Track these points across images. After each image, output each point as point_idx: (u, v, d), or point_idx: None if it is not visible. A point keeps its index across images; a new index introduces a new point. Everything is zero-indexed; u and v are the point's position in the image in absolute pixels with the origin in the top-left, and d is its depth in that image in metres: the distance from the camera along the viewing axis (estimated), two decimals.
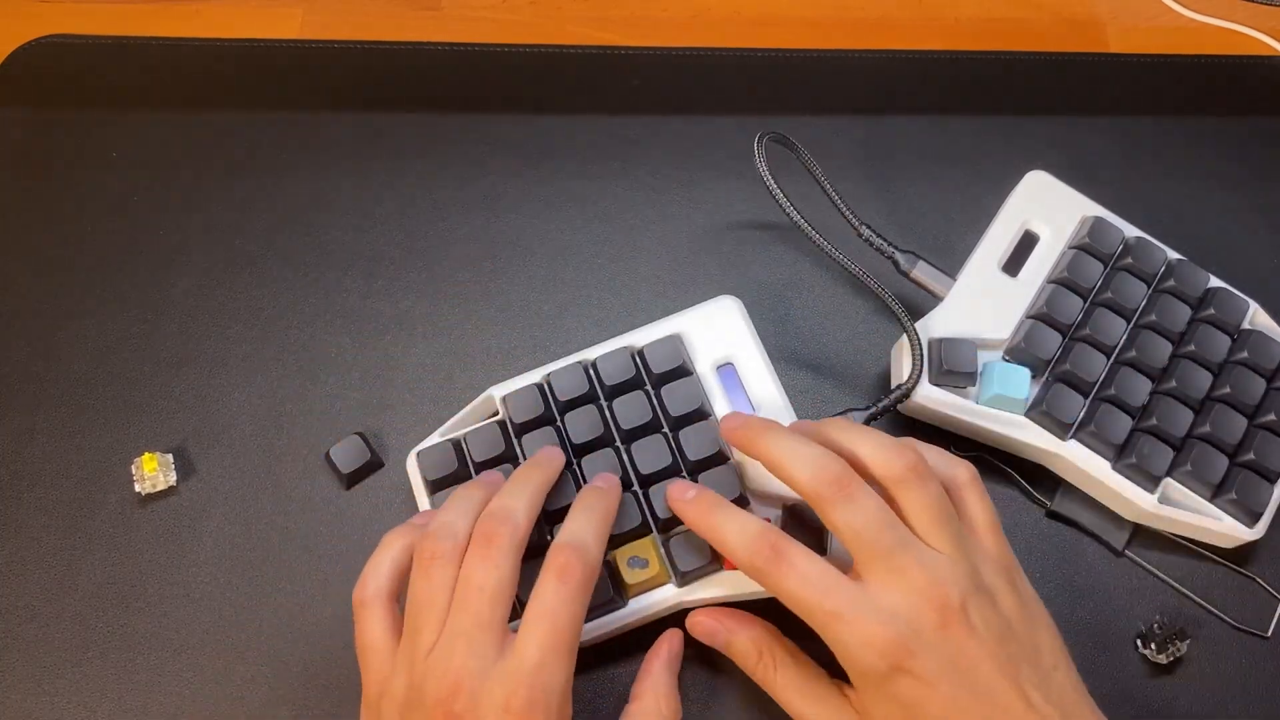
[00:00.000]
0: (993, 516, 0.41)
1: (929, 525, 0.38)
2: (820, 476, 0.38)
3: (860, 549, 0.38)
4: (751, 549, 0.38)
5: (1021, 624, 0.38)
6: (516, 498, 0.40)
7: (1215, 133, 0.61)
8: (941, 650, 0.36)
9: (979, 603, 0.37)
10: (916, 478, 0.39)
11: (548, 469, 0.43)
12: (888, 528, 0.37)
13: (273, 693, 0.46)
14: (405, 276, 0.55)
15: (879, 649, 0.36)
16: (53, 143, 0.58)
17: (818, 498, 0.38)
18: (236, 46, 0.61)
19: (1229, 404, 0.49)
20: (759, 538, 0.38)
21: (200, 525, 0.49)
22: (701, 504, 0.41)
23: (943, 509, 0.39)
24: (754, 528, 0.39)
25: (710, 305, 0.49)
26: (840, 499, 0.38)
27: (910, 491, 0.39)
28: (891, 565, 0.37)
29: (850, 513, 0.37)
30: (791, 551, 0.38)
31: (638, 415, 0.46)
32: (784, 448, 0.40)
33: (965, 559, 0.38)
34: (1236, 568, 0.50)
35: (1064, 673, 0.39)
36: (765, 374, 0.48)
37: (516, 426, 0.47)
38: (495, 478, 0.44)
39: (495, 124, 0.60)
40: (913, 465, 0.39)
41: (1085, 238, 0.52)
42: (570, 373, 0.47)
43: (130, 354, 0.53)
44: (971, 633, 0.37)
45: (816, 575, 0.37)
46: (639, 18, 0.65)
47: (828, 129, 0.60)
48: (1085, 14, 0.67)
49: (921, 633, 0.36)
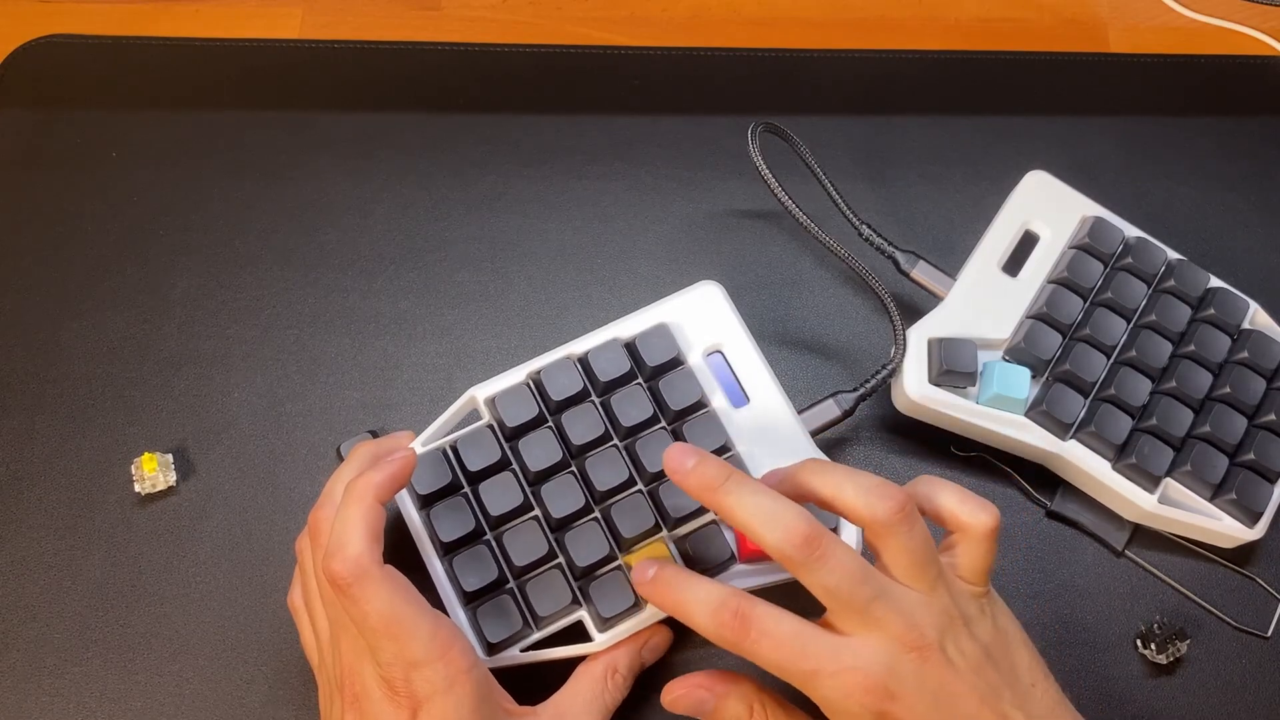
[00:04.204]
0: (988, 564, 0.40)
1: (908, 569, 0.38)
2: (789, 538, 0.37)
3: (836, 605, 0.37)
4: (717, 620, 0.37)
5: (998, 647, 0.39)
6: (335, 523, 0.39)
7: (1215, 133, 0.61)
8: (922, 688, 0.36)
9: (955, 636, 0.38)
10: (901, 522, 0.38)
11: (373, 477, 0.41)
12: (862, 583, 0.37)
13: (273, 693, 0.46)
14: (405, 276, 0.55)
15: (861, 697, 0.36)
16: (53, 143, 0.58)
17: (789, 561, 0.37)
18: (236, 46, 0.61)
19: (1229, 404, 0.49)
20: (722, 608, 0.37)
21: (200, 525, 0.49)
22: (661, 582, 0.40)
23: (924, 553, 0.38)
24: (716, 598, 0.38)
25: (693, 291, 0.49)
26: (812, 560, 0.37)
27: (894, 538, 0.38)
28: (868, 618, 0.37)
29: (823, 573, 0.37)
30: (758, 615, 0.37)
31: (638, 411, 0.45)
32: (748, 506, 0.38)
33: (940, 595, 0.38)
34: (1236, 568, 0.50)
35: (1042, 688, 0.39)
36: (755, 360, 0.47)
37: (510, 430, 0.45)
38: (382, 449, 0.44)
39: (495, 124, 0.60)
40: (898, 508, 0.38)
41: (1085, 238, 0.52)
42: (561, 369, 0.46)
43: (130, 354, 0.53)
44: (950, 667, 0.37)
45: (789, 635, 0.37)
46: (639, 18, 0.65)
47: (828, 129, 0.60)
48: (1085, 14, 0.67)
49: (901, 674, 0.36)
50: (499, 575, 0.43)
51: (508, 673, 0.42)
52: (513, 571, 0.44)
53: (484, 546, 0.44)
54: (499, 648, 0.43)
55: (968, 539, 0.40)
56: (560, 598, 0.43)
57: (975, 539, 0.40)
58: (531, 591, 0.43)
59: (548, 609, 0.43)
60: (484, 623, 0.43)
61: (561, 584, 0.43)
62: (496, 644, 0.43)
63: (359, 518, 0.38)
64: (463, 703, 0.38)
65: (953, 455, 0.52)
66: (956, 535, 0.40)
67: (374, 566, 0.38)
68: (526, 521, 0.44)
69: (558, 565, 0.44)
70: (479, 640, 0.43)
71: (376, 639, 0.38)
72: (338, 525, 0.38)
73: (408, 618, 0.37)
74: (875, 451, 0.52)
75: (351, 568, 0.37)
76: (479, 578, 0.43)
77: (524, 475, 0.45)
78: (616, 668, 0.43)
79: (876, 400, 0.52)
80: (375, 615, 0.37)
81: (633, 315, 0.48)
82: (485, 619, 0.43)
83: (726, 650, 0.38)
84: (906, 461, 0.52)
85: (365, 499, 0.39)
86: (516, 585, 0.44)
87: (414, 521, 0.45)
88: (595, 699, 0.43)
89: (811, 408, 0.49)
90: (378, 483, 0.40)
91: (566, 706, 0.42)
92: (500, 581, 0.44)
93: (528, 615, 0.43)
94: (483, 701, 0.38)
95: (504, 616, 0.43)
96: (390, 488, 0.40)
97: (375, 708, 0.38)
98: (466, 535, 0.44)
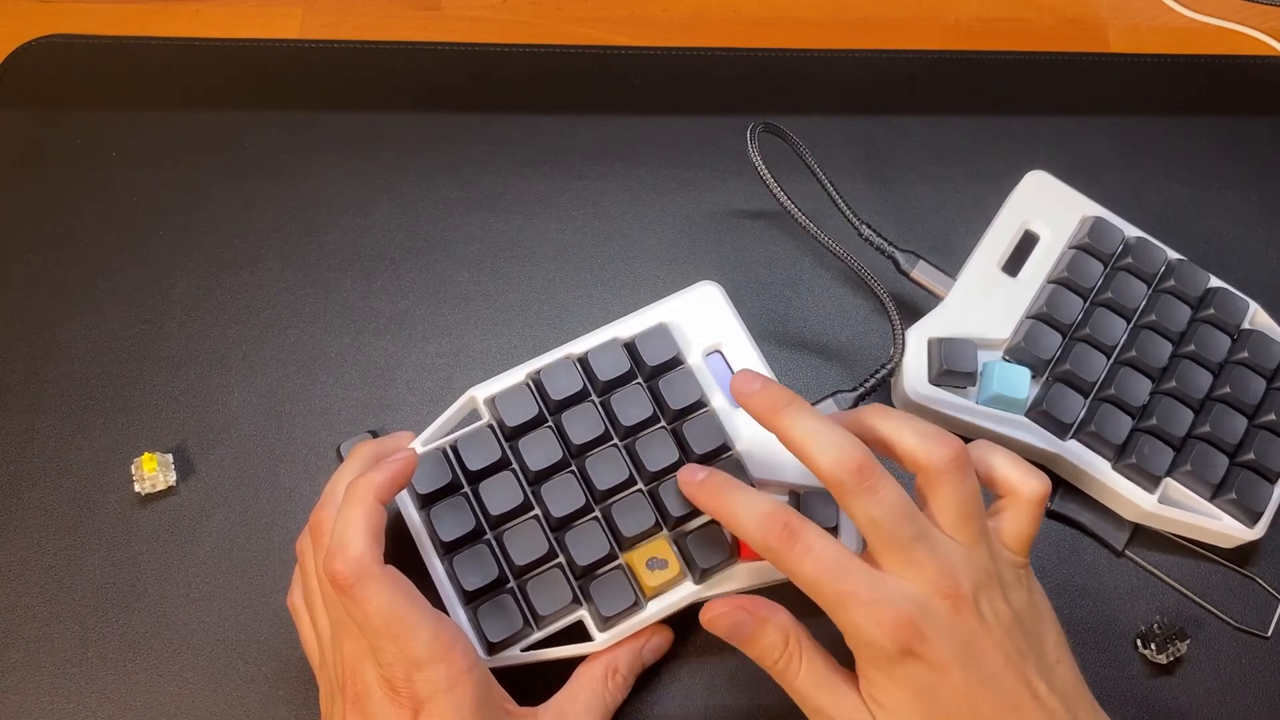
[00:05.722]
0: (1032, 532, 0.40)
1: (954, 519, 0.38)
2: (844, 464, 0.37)
3: (877, 539, 0.37)
4: (764, 528, 0.38)
5: (1030, 617, 0.39)
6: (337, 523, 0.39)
7: (1215, 133, 0.61)
8: (953, 636, 0.37)
9: (990, 594, 0.38)
10: (956, 470, 0.38)
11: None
12: (906, 520, 0.37)
13: (273, 693, 0.46)
14: (405, 276, 0.55)
15: (891, 631, 0.36)
16: (53, 143, 0.58)
17: (839, 485, 0.38)
18: (236, 46, 0.61)
19: (1229, 404, 0.49)
20: (771, 516, 0.38)
21: (200, 525, 0.49)
22: (712, 485, 0.41)
23: (972, 505, 0.38)
24: (766, 507, 0.39)
25: (692, 292, 0.49)
26: (862, 489, 0.37)
27: (946, 485, 0.38)
28: (907, 557, 0.37)
29: (870, 504, 0.37)
30: (805, 531, 0.38)
31: (638, 411, 0.45)
32: (806, 428, 0.39)
33: (981, 551, 0.38)
34: (1236, 568, 0.50)
35: (1066, 667, 0.39)
36: (754, 360, 0.47)
37: (510, 430, 0.45)
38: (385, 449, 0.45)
39: (495, 124, 0.60)
40: (954, 457, 0.38)
41: (1085, 238, 0.52)
42: (561, 369, 0.46)
43: (130, 354, 0.53)
44: (981, 622, 0.37)
45: (832, 556, 0.37)
46: (639, 18, 0.65)
47: (828, 129, 0.60)
48: (1085, 14, 0.67)
49: (933, 618, 0.37)
50: (499, 575, 0.43)
51: (508, 672, 0.42)
52: (513, 571, 0.44)
53: (484, 546, 0.44)
54: (500, 647, 0.43)
55: (1016, 504, 0.40)
56: (561, 597, 0.43)
57: (1024, 505, 0.40)
58: (532, 591, 0.43)
59: (548, 608, 0.43)
60: (485, 622, 0.42)
61: (562, 583, 0.43)
62: (497, 643, 0.43)
63: (360, 518, 0.39)
64: (464, 703, 0.38)
65: None
66: (1005, 500, 0.41)
67: (375, 566, 0.38)
68: (527, 521, 0.44)
69: (558, 564, 0.44)
70: (479, 640, 0.43)
71: (378, 639, 0.38)
72: (339, 525, 0.39)
73: (409, 618, 0.37)
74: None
75: (353, 568, 0.37)
76: (479, 577, 0.43)
77: (524, 475, 0.45)
78: (617, 668, 0.44)
79: (876, 400, 0.52)
80: (376, 615, 0.37)
81: (632, 315, 0.48)
82: (486, 618, 0.43)
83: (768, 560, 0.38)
84: None
85: (366, 499, 0.39)
86: (517, 585, 0.44)
87: (414, 521, 0.45)
88: (596, 699, 0.43)
89: None
90: (379, 483, 0.40)
91: (567, 707, 0.42)
92: (500, 581, 0.43)
93: (528, 615, 0.43)
94: (484, 702, 0.38)
95: (505, 616, 0.43)
96: (391, 488, 0.40)
97: (376, 708, 0.38)
98: (467, 535, 0.44)
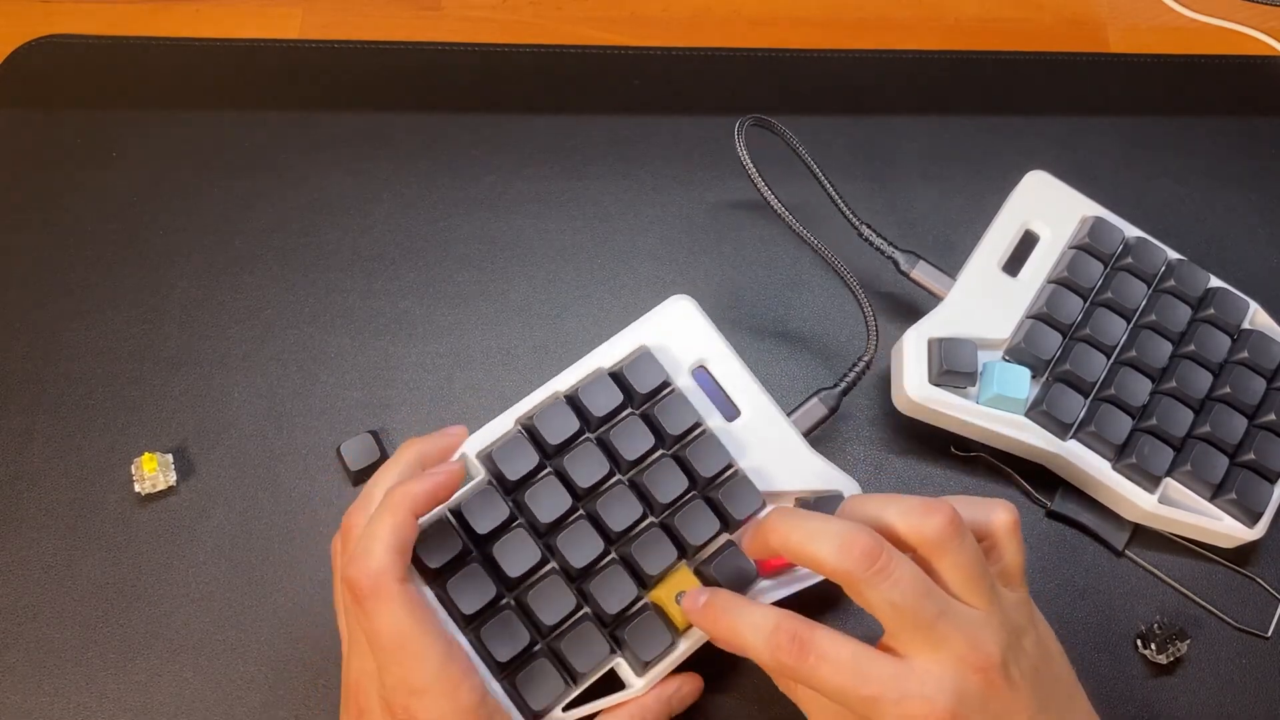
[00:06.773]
0: (1022, 560, 0.40)
1: (964, 583, 0.37)
2: (849, 552, 0.35)
3: (900, 624, 0.35)
4: (773, 645, 0.36)
5: (1042, 659, 0.38)
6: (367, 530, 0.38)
7: (1215, 133, 0.61)
8: (989, 712, 0.35)
9: (1015, 653, 0.36)
10: (953, 536, 0.36)
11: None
12: (927, 598, 0.35)
13: (273, 693, 0.46)
14: (405, 276, 0.55)
15: None
16: (53, 143, 0.58)
17: (849, 576, 0.35)
18: (236, 46, 0.61)
19: (1229, 404, 0.49)
20: (778, 631, 0.36)
21: (200, 525, 0.49)
22: (713, 611, 0.39)
23: (978, 566, 0.37)
24: (770, 621, 0.36)
25: (665, 308, 0.47)
26: (875, 576, 0.35)
27: (948, 554, 0.36)
28: (933, 637, 0.35)
29: (887, 589, 0.35)
30: (816, 638, 0.36)
31: (639, 444, 0.43)
32: (803, 529, 0.37)
33: (998, 611, 0.37)
34: (1236, 568, 0.50)
35: (1079, 698, 0.39)
36: (738, 369, 0.46)
37: (511, 484, 0.42)
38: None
39: (495, 124, 0.60)
40: (947, 523, 0.36)
41: (1085, 238, 0.52)
42: (553, 411, 0.43)
43: (130, 354, 0.53)
44: (1013, 687, 0.36)
45: (848, 658, 0.35)
46: (639, 18, 0.65)
47: (828, 129, 0.60)
48: (1085, 14, 0.67)
49: (968, 700, 0.35)
50: (530, 639, 0.41)
51: None
52: (542, 631, 0.42)
53: (509, 612, 0.41)
54: (543, 714, 0.41)
55: (998, 541, 0.39)
56: (598, 651, 0.41)
57: (1004, 538, 0.39)
58: (566, 649, 0.41)
59: (586, 665, 0.41)
60: (525, 692, 0.40)
61: (595, 635, 0.41)
62: (540, 711, 0.41)
63: (389, 529, 0.37)
64: None
65: (953, 456, 0.52)
66: (985, 543, 0.39)
67: (394, 583, 0.37)
68: (548, 577, 0.42)
69: (587, 615, 0.42)
70: (522, 710, 0.40)
71: (384, 658, 0.37)
72: (365, 533, 0.37)
73: (418, 643, 0.36)
74: (875, 452, 0.52)
75: (371, 580, 0.36)
76: (511, 646, 0.41)
77: (535, 528, 0.43)
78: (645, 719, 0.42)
79: (876, 401, 0.52)
80: (385, 633, 0.36)
81: (609, 343, 0.46)
82: (525, 687, 0.40)
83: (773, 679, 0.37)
84: (906, 462, 0.52)
85: (399, 511, 0.38)
86: (549, 645, 0.42)
87: (430, 599, 0.41)
88: None
89: (798, 409, 0.48)
90: (416, 494, 0.38)
91: None
92: (531, 644, 0.41)
93: (565, 674, 0.41)
94: None
95: (544, 681, 0.41)
96: (430, 503, 0.39)
97: None
98: (489, 604, 0.41)
